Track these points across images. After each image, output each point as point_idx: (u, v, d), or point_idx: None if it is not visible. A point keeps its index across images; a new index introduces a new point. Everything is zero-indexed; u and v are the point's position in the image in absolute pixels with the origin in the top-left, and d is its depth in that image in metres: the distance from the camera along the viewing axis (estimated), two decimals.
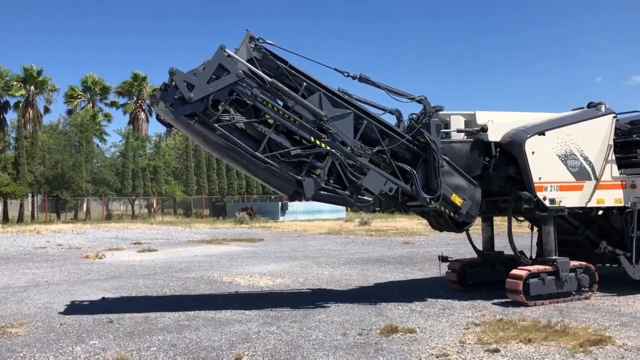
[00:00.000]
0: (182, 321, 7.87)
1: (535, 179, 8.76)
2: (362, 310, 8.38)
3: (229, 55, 7.79)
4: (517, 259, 9.24)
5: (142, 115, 58.04)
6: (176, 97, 7.64)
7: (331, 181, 8.30)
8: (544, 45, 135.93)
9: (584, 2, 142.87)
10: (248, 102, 7.89)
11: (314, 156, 8.15)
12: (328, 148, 8.11)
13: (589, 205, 9.25)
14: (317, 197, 8.26)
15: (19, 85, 51.13)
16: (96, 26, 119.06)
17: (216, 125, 7.76)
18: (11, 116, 51.22)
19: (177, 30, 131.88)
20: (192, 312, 8.46)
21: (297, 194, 8.31)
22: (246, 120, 8.06)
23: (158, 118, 8.24)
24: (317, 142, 8.09)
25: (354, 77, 8.60)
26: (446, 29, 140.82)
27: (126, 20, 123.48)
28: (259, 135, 8.12)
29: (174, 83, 7.67)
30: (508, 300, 8.67)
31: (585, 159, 9.15)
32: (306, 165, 8.13)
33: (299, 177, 8.05)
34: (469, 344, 6.42)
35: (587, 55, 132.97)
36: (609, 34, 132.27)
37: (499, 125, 9.07)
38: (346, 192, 8.30)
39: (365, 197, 8.40)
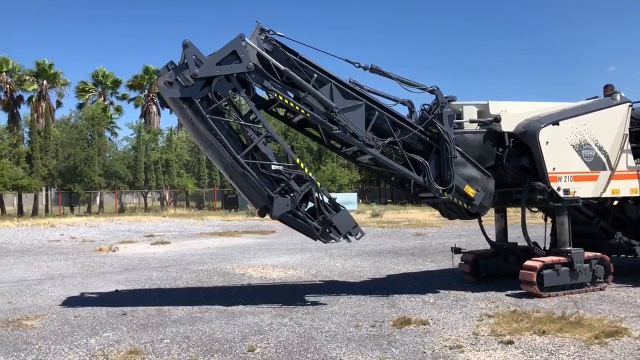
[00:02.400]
0: (195, 313, 7.90)
1: (549, 169, 8.67)
2: (374, 302, 8.36)
3: (245, 45, 7.76)
4: (531, 250, 9.16)
5: (154, 108, 58.26)
6: (179, 78, 7.58)
7: (303, 207, 8.04)
8: (558, 35, 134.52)
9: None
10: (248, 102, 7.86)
11: (294, 177, 7.95)
12: (310, 174, 8.01)
13: (604, 195, 9.15)
14: (284, 219, 7.98)
15: (31, 79, 51.39)
16: (107, 20, 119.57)
17: (208, 117, 7.69)
18: (24, 111, 51.75)
19: (189, 23, 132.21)
20: (205, 304, 8.49)
21: (267, 210, 8.00)
22: (241, 122, 7.97)
23: (159, 96, 8.22)
24: (302, 165, 8.00)
25: (365, 68, 8.55)
26: (462, 26, 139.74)
27: (137, 12, 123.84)
28: (247, 141, 8.05)
29: (184, 60, 7.62)
30: (522, 291, 8.61)
31: (600, 148, 9.04)
32: (283, 184, 7.91)
33: (272, 194, 7.81)
34: (483, 335, 6.38)
35: (600, 45, 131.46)
36: (621, 24, 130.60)
37: (512, 115, 8.97)
38: (315, 223, 7.98)
39: (331, 235, 8.08)
